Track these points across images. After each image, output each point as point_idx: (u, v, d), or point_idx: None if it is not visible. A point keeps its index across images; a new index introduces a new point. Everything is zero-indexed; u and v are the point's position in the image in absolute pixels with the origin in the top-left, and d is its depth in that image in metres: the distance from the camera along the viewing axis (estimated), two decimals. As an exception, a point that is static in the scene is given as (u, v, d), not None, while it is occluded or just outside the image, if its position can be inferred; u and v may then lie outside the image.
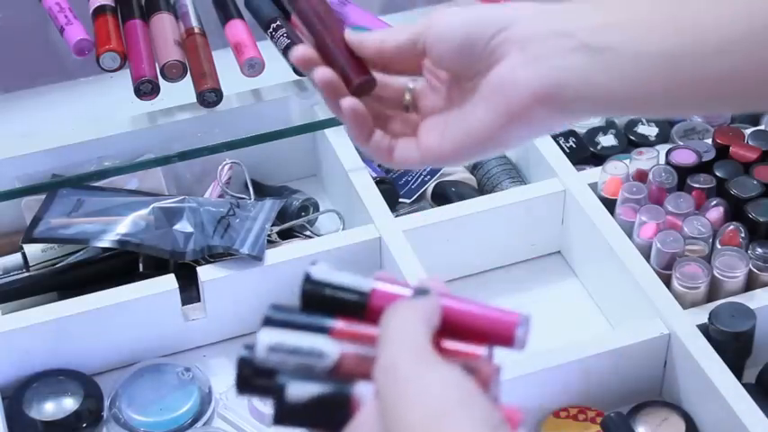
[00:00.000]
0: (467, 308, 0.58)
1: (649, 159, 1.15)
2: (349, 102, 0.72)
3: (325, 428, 0.55)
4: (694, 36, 0.62)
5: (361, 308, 0.58)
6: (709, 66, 0.63)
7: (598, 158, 1.23)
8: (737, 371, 1.00)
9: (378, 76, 0.74)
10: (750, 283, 1.06)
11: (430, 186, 1.22)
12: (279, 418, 0.55)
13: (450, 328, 0.57)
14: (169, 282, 1.06)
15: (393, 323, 0.55)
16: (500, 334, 0.57)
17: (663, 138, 1.26)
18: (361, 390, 0.55)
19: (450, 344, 0.57)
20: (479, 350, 0.57)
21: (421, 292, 0.57)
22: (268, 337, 0.57)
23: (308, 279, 0.58)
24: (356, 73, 0.73)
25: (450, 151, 0.71)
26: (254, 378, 0.57)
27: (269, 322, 0.58)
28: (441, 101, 0.73)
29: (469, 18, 0.69)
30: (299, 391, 0.54)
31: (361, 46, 0.73)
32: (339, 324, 0.57)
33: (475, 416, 0.52)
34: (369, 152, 0.74)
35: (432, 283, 0.59)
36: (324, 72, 0.72)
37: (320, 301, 0.58)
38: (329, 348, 0.56)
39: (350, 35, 0.74)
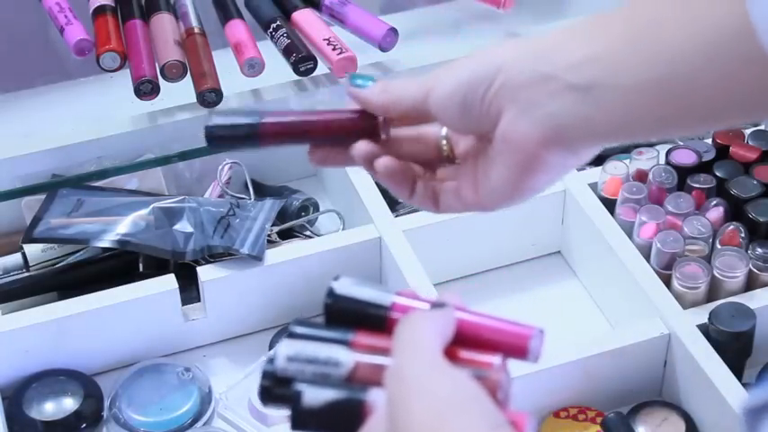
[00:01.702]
0: (482, 320, 0.59)
1: (649, 159, 1.15)
2: (382, 162, 0.70)
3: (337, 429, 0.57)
4: (673, 60, 0.62)
5: (382, 321, 0.59)
6: (693, 86, 0.62)
7: (598, 158, 1.22)
8: (737, 371, 1.00)
9: (410, 130, 0.71)
10: (750, 283, 1.06)
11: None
12: (295, 423, 0.57)
13: (465, 339, 0.58)
14: (169, 282, 1.06)
15: (406, 332, 0.57)
16: (514, 345, 0.59)
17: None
18: (374, 396, 0.56)
19: (463, 352, 0.58)
20: (492, 359, 0.58)
21: (438, 305, 0.59)
22: (287, 349, 0.59)
23: (330, 293, 0.60)
24: (369, 120, 0.70)
25: (489, 202, 0.71)
26: (274, 388, 0.59)
27: (291, 335, 0.59)
28: (474, 142, 0.72)
29: (460, 80, 0.67)
30: (315, 396, 0.56)
31: (365, 107, 0.70)
32: (358, 337, 0.59)
33: (477, 417, 0.53)
34: (414, 205, 0.73)
35: (449, 297, 0.60)
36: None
37: (342, 315, 0.60)
38: (345, 357, 0.58)
39: (352, 91, 0.70)
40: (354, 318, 0.60)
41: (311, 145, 0.71)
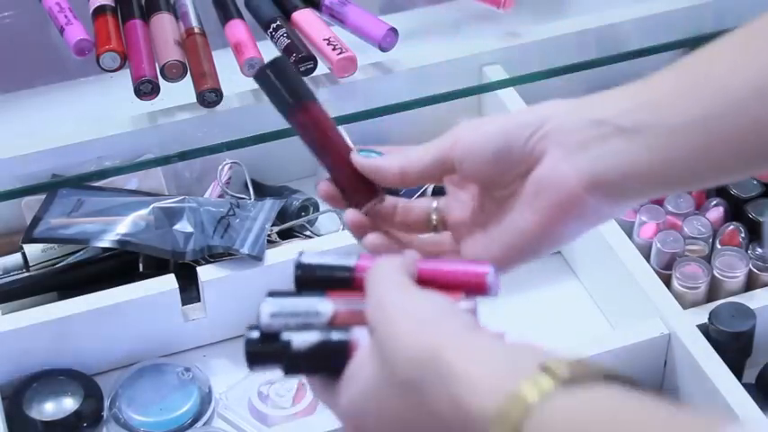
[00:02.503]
0: (442, 264, 0.65)
1: (649, 159, 1.15)
2: (370, 240, 0.71)
3: (328, 372, 0.62)
4: (722, 96, 0.63)
5: (349, 281, 0.65)
6: (742, 120, 0.63)
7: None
8: (737, 371, 1.00)
9: (399, 201, 0.72)
10: (750, 283, 1.06)
11: (430, 186, 1.22)
12: (288, 369, 0.63)
13: (428, 281, 0.63)
14: (169, 282, 1.06)
15: (377, 272, 0.62)
16: (474, 283, 0.64)
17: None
18: (357, 334, 0.62)
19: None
20: (457, 296, 0.63)
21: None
22: (269, 307, 0.64)
23: (298, 265, 0.66)
24: (366, 193, 0.71)
25: (501, 260, 0.69)
26: (261, 349, 0.64)
27: (271, 295, 0.65)
28: (468, 212, 0.72)
29: (505, 125, 0.68)
30: (303, 340, 0.62)
31: (378, 176, 0.70)
32: (331, 293, 0.65)
33: (460, 326, 0.58)
34: None
35: (407, 253, 0.66)
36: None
37: (312, 282, 0.66)
38: (324, 308, 0.64)
39: (361, 162, 0.70)
40: (323, 282, 0.65)
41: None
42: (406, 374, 0.58)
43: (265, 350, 0.64)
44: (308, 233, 1.17)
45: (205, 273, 1.07)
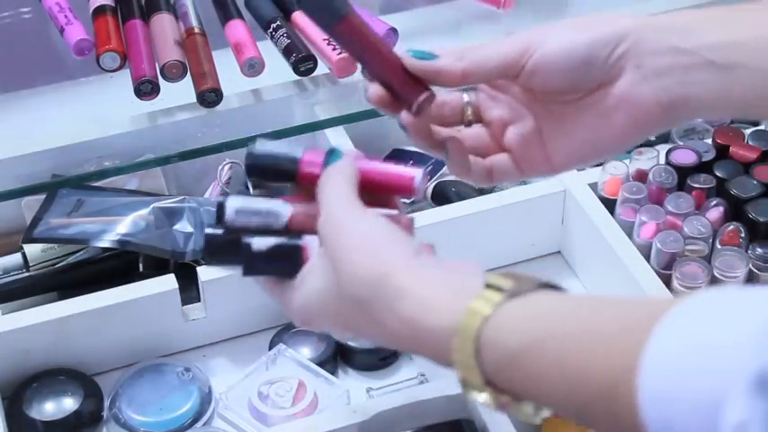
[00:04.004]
0: (377, 167, 0.72)
1: (649, 159, 1.16)
2: (453, 140, 0.75)
3: (283, 274, 0.70)
4: None
5: (293, 173, 0.72)
6: None
7: (598, 158, 1.23)
8: (737, 371, 1.00)
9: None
10: (750, 284, 1.06)
11: (430, 186, 1.22)
12: (247, 269, 0.71)
13: (367, 184, 0.71)
14: (169, 282, 1.06)
15: (326, 187, 0.69)
16: (402, 186, 0.72)
17: (663, 138, 1.26)
18: (309, 240, 0.70)
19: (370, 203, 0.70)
20: (393, 212, 0.71)
21: (333, 152, 0.71)
22: (234, 203, 0.71)
23: (249, 154, 0.73)
24: (416, 91, 0.74)
25: (563, 164, 0.76)
26: (222, 244, 0.71)
27: (238, 193, 0.73)
28: (508, 110, 0.76)
29: (580, 40, 0.71)
30: (261, 243, 0.70)
31: (439, 78, 0.73)
32: (291, 200, 0.72)
33: (404, 245, 0.66)
34: (470, 180, 0.78)
35: (347, 151, 0.72)
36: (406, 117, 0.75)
37: (260, 170, 0.73)
38: (282, 209, 0.71)
39: (422, 65, 0.73)
40: (270, 171, 0.73)
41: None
42: (356, 291, 0.65)
43: (226, 247, 0.71)
44: (308, 233, 1.16)
45: (205, 273, 1.07)
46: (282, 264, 0.70)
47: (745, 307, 0.51)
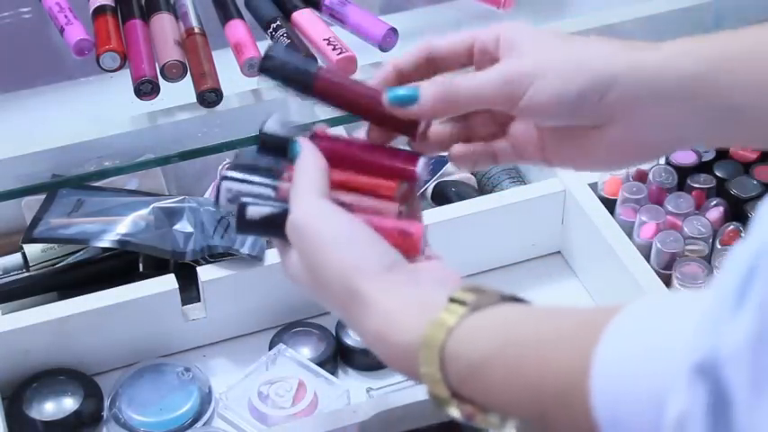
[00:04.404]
0: (374, 157, 0.76)
1: (649, 159, 1.16)
2: (455, 150, 0.78)
3: (272, 235, 0.75)
4: None
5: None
6: None
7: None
8: (737, 371, 1.00)
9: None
10: (750, 283, 1.06)
11: (430, 186, 1.22)
12: (240, 229, 0.75)
13: (365, 170, 0.75)
14: (169, 282, 1.06)
15: (294, 188, 0.72)
16: (404, 171, 0.75)
17: (663, 138, 1.26)
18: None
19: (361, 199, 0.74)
20: (391, 207, 0.74)
21: (293, 144, 0.76)
22: (232, 181, 0.77)
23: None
24: (410, 129, 0.77)
25: (561, 165, 0.77)
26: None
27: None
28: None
29: (570, 89, 0.70)
30: (255, 211, 0.74)
31: (449, 106, 0.75)
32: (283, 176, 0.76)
33: (376, 257, 0.68)
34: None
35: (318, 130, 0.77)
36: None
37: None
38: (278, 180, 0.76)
39: (402, 113, 0.75)
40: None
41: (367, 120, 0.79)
42: (331, 288, 0.68)
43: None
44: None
45: (205, 273, 1.07)
46: (272, 228, 0.74)
47: (684, 309, 0.53)
